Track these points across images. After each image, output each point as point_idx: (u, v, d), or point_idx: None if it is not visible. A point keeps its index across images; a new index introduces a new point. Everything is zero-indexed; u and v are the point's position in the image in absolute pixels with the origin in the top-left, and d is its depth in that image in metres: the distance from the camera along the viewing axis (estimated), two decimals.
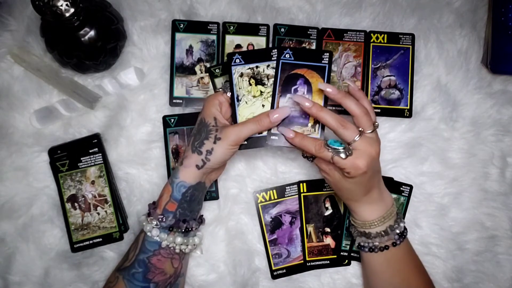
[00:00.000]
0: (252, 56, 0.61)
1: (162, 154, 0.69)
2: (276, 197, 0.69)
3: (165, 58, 0.71)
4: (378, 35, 0.71)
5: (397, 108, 0.71)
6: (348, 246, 0.68)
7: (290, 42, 0.71)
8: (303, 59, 0.60)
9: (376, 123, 0.57)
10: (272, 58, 0.60)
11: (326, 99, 0.59)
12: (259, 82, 0.60)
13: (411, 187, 0.69)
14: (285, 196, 0.69)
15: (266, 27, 0.70)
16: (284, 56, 0.59)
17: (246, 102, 0.60)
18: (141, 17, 0.71)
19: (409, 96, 0.71)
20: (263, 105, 0.60)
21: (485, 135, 0.71)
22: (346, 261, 0.68)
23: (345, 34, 0.71)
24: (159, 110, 0.70)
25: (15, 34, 0.69)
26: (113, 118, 0.69)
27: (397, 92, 0.71)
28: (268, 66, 0.60)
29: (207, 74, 0.70)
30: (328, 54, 0.60)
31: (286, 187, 0.69)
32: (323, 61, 0.59)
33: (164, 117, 0.69)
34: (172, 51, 0.70)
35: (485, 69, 0.72)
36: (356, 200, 0.59)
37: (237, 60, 0.60)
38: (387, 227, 0.59)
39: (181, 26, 0.70)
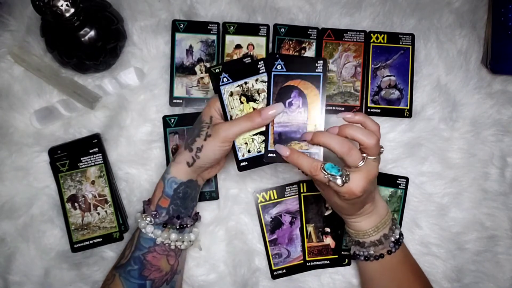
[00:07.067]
0: (239, 72, 0.58)
1: (162, 154, 0.69)
2: (276, 197, 0.69)
3: (165, 58, 0.71)
4: (378, 35, 0.71)
5: (397, 108, 0.71)
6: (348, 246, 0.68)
7: (290, 42, 0.71)
8: (295, 69, 0.56)
9: (382, 149, 0.56)
10: (260, 71, 0.57)
11: (324, 110, 0.56)
12: (250, 98, 0.57)
13: (407, 179, 0.69)
14: (285, 196, 0.69)
15: (266, 27, 0.70)
16: (276, 68, 0.56)
17: None
18: (141, 17, 0.71)
19: (409, 96, 0.71)
20: None
21: (485, 135, 0.71)
22: (346, 261, 0.68)
23: (345, 34, 0.71)
24: (159, 110, 0.70)
25: (15, 34, 0.69)
26: (113, 118, 0.69)
27: (397, 92, 0.71)
28: (257, 80, 0.57)
29: (207, 74, 0.70)
30: (322, 61, 0.56)
31: (286, 187, 0.69)
32: (317, 70, 0.56)
33: (164, 117, 0.69)
34: (172, 51, 0.70)
35: (485, 69, 0.72)
36: (349, 215, 0.58)
37: (225, 79, 0.57)
38: (382, 236, 0.58)
39: (181, 26, 0.70)
